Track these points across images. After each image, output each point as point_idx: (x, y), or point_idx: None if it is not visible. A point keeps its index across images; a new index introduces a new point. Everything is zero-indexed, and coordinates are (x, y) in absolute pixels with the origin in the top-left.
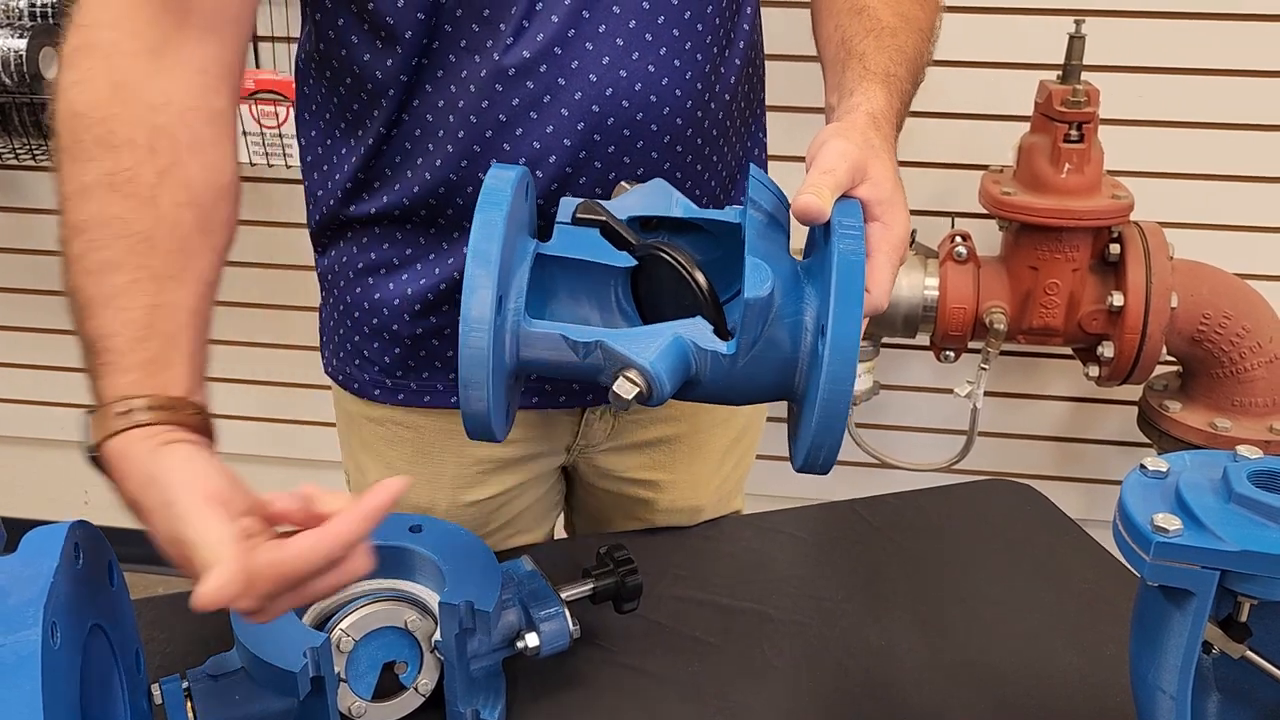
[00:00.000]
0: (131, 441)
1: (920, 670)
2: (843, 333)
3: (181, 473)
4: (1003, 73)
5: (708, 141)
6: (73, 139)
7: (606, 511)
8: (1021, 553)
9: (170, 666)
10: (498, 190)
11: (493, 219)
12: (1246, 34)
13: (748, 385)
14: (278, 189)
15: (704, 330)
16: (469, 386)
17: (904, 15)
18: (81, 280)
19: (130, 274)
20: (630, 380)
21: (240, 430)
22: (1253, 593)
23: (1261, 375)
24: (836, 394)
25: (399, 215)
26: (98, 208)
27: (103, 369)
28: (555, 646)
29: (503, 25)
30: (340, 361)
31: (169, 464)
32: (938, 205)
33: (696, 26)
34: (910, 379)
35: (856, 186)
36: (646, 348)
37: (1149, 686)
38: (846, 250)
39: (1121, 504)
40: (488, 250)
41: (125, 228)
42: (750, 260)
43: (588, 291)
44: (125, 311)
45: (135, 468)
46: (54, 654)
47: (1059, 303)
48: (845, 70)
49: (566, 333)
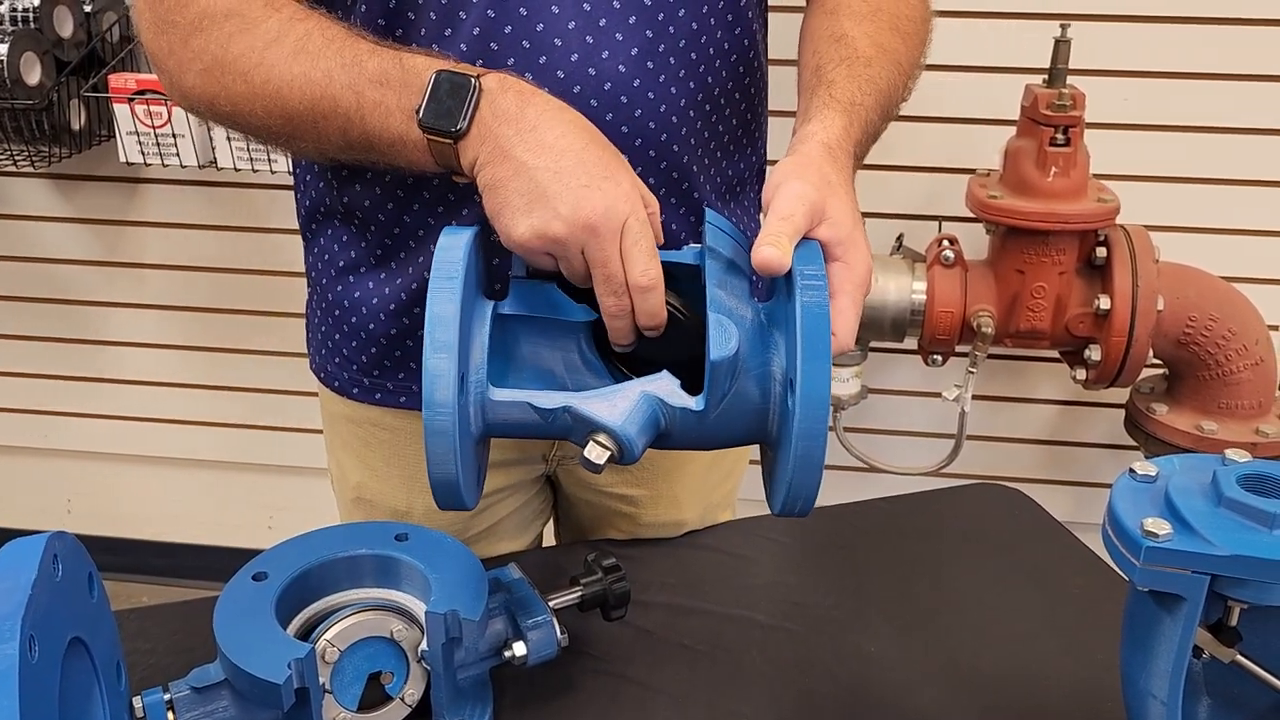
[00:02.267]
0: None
1: (909, 675)
2: (812, 387)
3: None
4: (989, 76)
5: (685, 150)
6: (240, 15)
7: (591, 523)
8: (1010, 557)
9: (152, 678)
10: (450, 263)
11: (447, 300)
12: (1231, 38)
13: (719, 436)
14: (262, 194)
15: (671, 386)
16: (436, 463)
17: (881, 46)
18: (329, 78)
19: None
20: (600, 445)
21: (227, 437)
22: (1243, 597)
23: (1247, 378)
24: (810, 448)
25: (376, 206)
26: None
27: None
28: (543, 655)
29: (463, 14)
30: (322, 359)
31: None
32: (925, 209)
33: (669, 29)
34: (898, 383)
35: (816, 227)
36: (615, 409)
37: (1139, 691)
38: (810, 303)
39: (1111, 508)
40: (446, 338)
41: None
42: (714, 318)
43: (550, 346)
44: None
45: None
46: (32, 668)
47: (1046, 306)
48: (813, 97)
49: (532, 400)
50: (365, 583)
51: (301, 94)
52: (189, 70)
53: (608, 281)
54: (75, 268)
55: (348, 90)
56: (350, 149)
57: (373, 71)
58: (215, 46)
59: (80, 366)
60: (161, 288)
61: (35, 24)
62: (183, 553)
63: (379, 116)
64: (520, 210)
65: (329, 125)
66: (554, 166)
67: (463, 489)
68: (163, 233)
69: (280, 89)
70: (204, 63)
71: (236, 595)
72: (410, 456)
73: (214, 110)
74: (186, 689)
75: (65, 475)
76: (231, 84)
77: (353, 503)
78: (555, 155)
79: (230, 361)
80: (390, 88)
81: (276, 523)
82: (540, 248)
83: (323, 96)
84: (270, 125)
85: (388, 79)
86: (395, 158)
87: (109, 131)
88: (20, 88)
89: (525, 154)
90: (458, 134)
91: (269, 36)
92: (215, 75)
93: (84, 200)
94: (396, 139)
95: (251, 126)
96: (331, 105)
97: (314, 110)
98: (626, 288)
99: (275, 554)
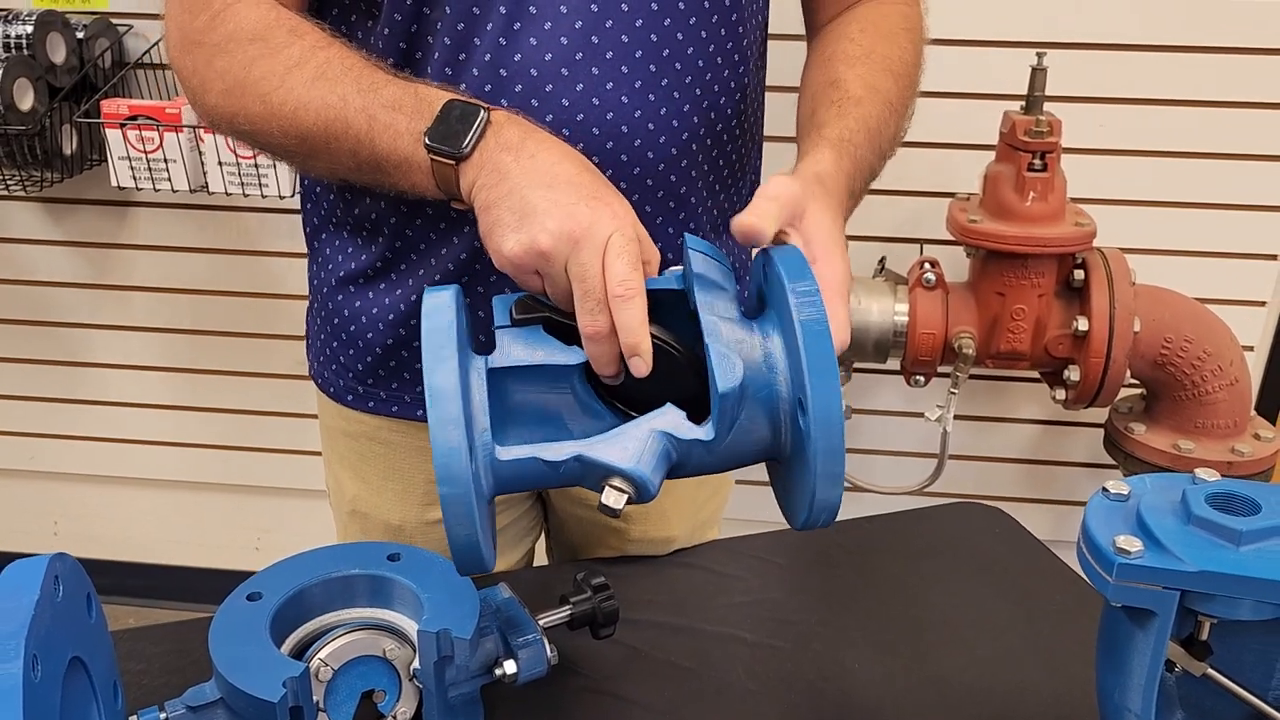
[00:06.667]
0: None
1: (893, 691)
2: (824, 406)
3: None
4: (969, 103)
5: (684, 181)
6: (264, 41)
7: (581, 539)
8: (991, 574)
9: (147, 699)
10: (442, 330)
11: (447, 372)
12: (1203, 66)
13: (733, 458)
14: (253, 217)
15: (679, 420)
16: (456, 534)
17: (873, 86)
18: (339, 102)
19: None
20: (617, 489)
21: (215, 459)
22: (1212, 612)
23: (1223, 398)
24: (831, 465)
25: (384, 216)
26: (317, 62)
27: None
28: (533, 673)
29: (477, 40)
30: (320, 365)
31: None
32: (907, 232)
33: (673, 64)
34: (881, 403)
35: (795, 223)
36: (626, 451)
37: (1115, 705)
38: (809, 320)
39: (1085, 526)
40: (451, 412)
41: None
42: (715, 350)
43: (545, 393)
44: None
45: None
46: (35, 686)
47: (1025, 328)
48: (805, 139)
49: (541, 455)
50: (358, 602)
51: (317, 116)
52: (212, 90)
53: (586, 297)
54: (65, 290)
55: (361, 114)
56: (359, 170)
57: (387, 97)
58: (238, 68)
59: (68, 389)
60: (150, 310)
61: (28, 50)
62: (169, 575)
63: (389, 138)
64: (510, 227)
65: (340, 146)
66: (547, 187)
67: (485, 553)
68: (152, 256)
69: (297, 111)
70: (226, 83)
71: (231, 615)
72: (405, 471)
73: (233, 127)
74: (182, 708)
75: (52, 497)
76: (251, 105)
77: (349, 515)
78: (549, 178)
79: (218, 383)
80: (402, 112)
81: (264, 544)
82: (529, 263)
83: (336, 119)
84: (286, 145)
85: (400, 104)
86: (400, 180)
87: (100, 156)
88: (13, 113)
89: (521, 177)
90: (460, 156)
91: (290, 62)
92: (236, 95)
93: (75, 224)
94: (403, 160)
95: (268, 145)
96: (344, 127)
97: (327, 131)
98: (606, 304)
99: (269, 574)
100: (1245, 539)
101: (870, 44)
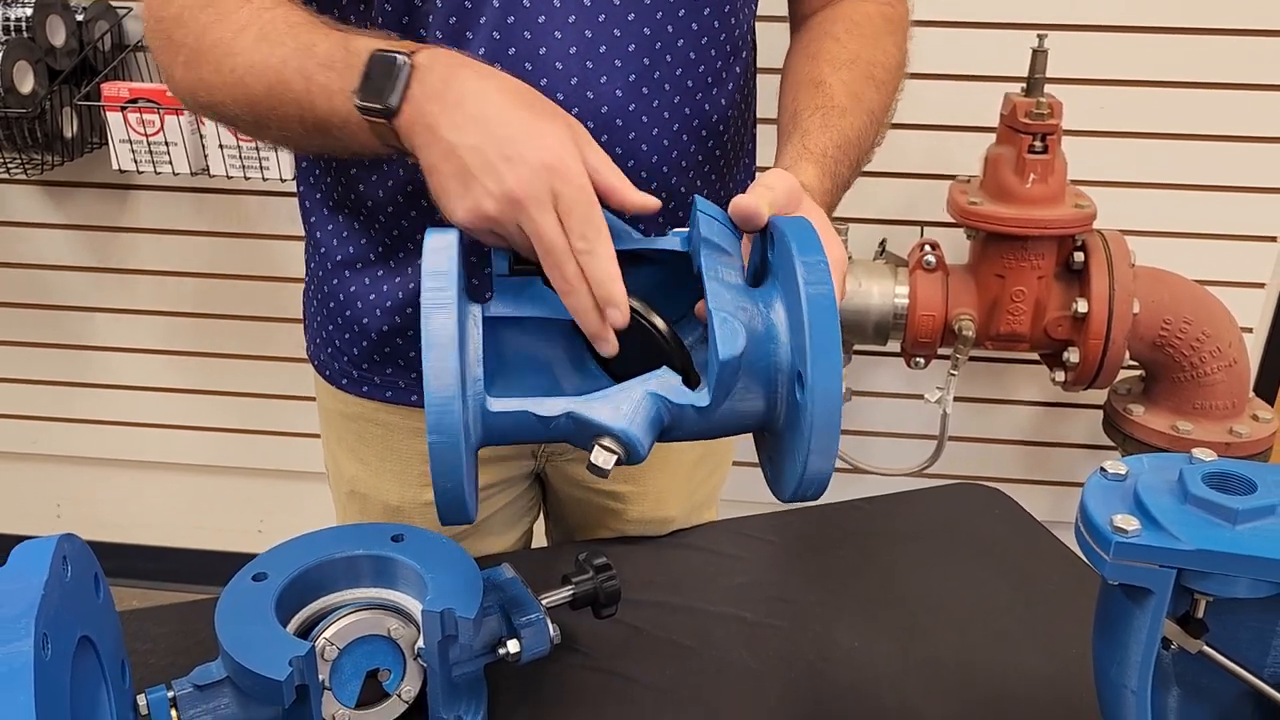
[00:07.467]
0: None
1: (892, 670)
2: (824, 381)
3: None
4: (969, 85)
5: (677, 173)
6: (215, 6)
7: (580, 520)
8: (991, 555)
9: (154, 678)
10: (441, 275)
11: (444, 320)
12: (1203, 47)
13: (724, 426)
14: (253, 200)
15: (674, 383)
16: (442, 482)
17: (857, 95)
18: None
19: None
20: (606, 449)
21: (217, 441)
22: (1208, 590)
23: (1221, 379)
24: (825, 439)
25: (383, 201)
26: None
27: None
28: (536, 652)
29: (470, 34)
30: (316, 347)
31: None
32: (907, 214)
33: (666, 57)
34: (881, 385)
35: (790, 211)
36: (618, 411)
37: (1111, 682)
38: (816, 294)
39: (1082, 506)
40: (447, 362)
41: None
42: (719, 316)
43: (541, 346)
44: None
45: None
46: (45, 665)
47: (1025, 309)
48: (788, 143)
49: (532, 409)
50: (363, 582)
51: (259, 80)
52: (175, 64)
53: (546, 255)
54: (66, 274)
55: (298, 75)
56: (309, 136)
57: (322, 55)
58: (193, 38)
59: (70, 372)
60: (151, 293)
61: (28, 33)
62: (173, 557)
63: (325, 100)
64: (456, 194)
65: (286, 111)
66: (476, 143)
67: (468, 504)
68: (154, 239)
69: (244, 76)
70: (184, 55)
71: (237, 595)
72: (403, 452)
73: (196, 101)
74: (189, 686)
75: (54, 480)
76: (207, 75)
77: (347, 496)
78: (477, 129)
79: (220, 366)
80: (335, 70)
81: (267, 526)
82: (482, 227)
83: (277, 81)
84: (239, 114)
85: (333, 61)
86: (351, 143)
87: (101, 139)
88: (13, 96)
89: (451, 133)
90: (389, 112)
91: (238, 25)
92: (194, 66)
93: (75, 207)
94: (343, 122)
95: (227, 117)
96: (284, 90)
97: (270, 95)
98: (572, 257)
99: (275, 555)
100: (1241, 518)
101: (856, 49)
